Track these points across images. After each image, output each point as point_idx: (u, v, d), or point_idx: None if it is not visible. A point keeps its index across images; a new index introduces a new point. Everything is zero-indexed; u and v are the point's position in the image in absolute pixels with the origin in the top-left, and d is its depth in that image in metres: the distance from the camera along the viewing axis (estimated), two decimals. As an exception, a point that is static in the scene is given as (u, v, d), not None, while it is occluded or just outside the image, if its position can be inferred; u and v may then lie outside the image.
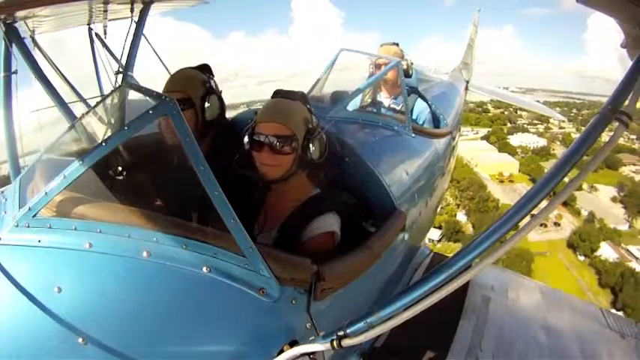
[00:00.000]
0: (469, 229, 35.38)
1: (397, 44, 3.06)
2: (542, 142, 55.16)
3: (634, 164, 46.25)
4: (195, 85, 1.75)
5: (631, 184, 41.76)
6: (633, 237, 34.54)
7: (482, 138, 57.05)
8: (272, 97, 1.55)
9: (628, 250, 33.89)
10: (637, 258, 32.00)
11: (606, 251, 33.31)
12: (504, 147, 52.82)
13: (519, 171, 47.14)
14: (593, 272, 31.31)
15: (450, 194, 38.47)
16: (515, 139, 55.00)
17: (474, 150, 49.80)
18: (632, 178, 43.16)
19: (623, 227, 36.99)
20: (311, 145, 1.47)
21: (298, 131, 1.44)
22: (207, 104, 1.74)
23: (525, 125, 62.34)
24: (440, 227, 34.43)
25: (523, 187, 42.55)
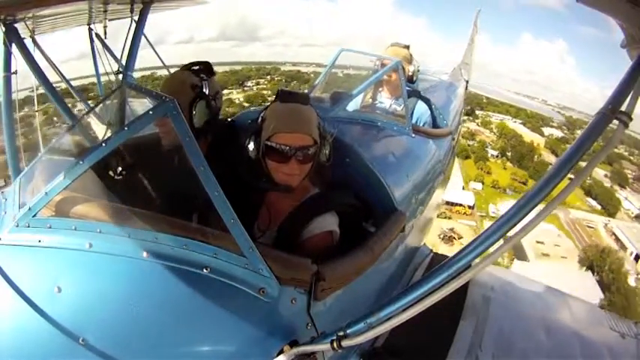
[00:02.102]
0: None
1: (408, 47, 3.01)
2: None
3: (632, 171, 58.05)
4: (183, 91, 1.70)
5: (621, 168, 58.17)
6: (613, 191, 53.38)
7: (520, 123, 76.30)
8: (282, 101, 1.48)
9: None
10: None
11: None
12: (536, 130, 72.98)
13: (544, 146, 65.72)
14: (581, 190, 50.04)
15: (502, 141, 64.14)
16: (545, 130, 74.37)
17: (512, 127, 71.87)
18: (625, 172, 57.13)
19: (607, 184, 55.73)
20: (325, 150, 1.47)
21: (317, 138, 1.44)
22: (193, 112, 1.68)
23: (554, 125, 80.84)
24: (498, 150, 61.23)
25: (546, 154, 61.69)
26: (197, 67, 1.82)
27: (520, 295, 2.50)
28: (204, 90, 1.74)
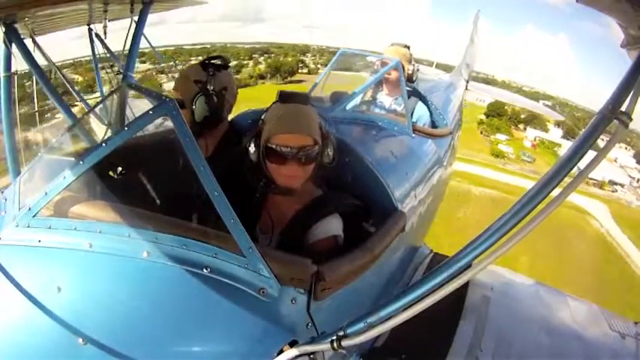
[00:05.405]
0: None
1: (408, 47, 3.01)
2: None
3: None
4: (187, 87, 1.76)
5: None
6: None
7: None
8: (282, 102, 1.46)
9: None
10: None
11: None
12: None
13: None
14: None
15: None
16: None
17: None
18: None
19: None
20: (327, 151, 1.46)
21: (318, 138, 1.42)
22: (193, 106, 1.74)
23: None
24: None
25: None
26: (208, 62, 1.84)
27: (520, 295, 2.50)
28: (208, 85, 1.76)
